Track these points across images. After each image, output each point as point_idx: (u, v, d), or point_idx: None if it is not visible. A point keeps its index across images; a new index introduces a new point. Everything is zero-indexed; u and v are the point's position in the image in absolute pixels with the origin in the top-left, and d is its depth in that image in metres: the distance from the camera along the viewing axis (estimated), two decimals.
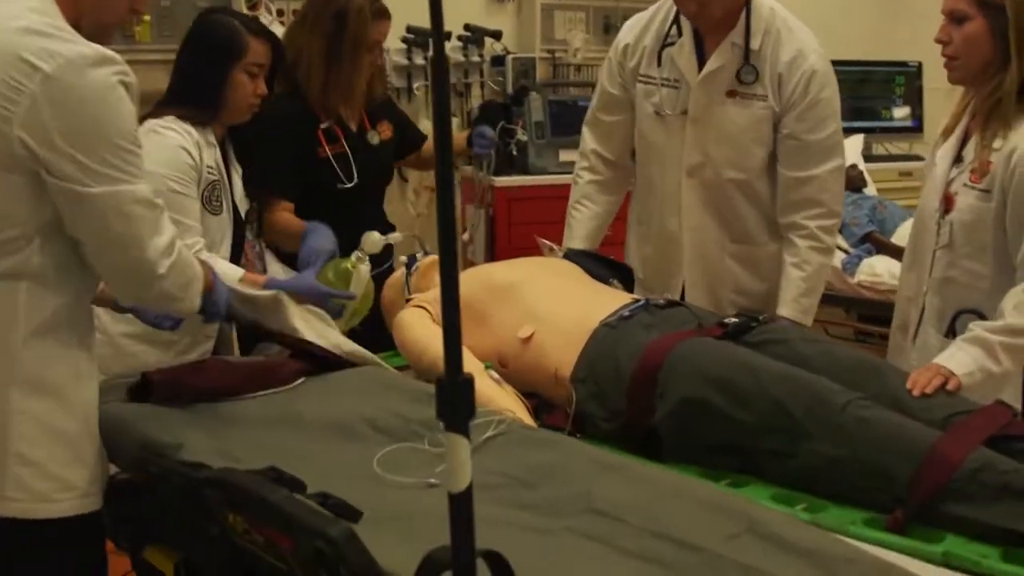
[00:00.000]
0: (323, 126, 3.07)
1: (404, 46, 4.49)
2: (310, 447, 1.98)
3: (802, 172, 2.73)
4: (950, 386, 2.06)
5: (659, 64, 2.80)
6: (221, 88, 2.67)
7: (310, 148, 3.05)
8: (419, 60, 4.51)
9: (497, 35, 4.66)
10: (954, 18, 2.41)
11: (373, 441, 2.05)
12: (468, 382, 1.18)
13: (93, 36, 1.80)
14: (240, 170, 2.84)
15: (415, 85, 4.51)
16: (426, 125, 3.92)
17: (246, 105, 2.72)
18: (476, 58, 4.74)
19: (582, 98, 4.55)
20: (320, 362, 2.45)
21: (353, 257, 2.64)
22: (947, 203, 2.45)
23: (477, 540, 1.32)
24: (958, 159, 2.47)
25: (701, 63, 2.76)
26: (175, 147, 2.59)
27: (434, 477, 1.89)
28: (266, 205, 2.98)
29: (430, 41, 4.16)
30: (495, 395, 2.22)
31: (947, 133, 2.52)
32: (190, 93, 2.68)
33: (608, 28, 5.08)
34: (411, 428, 2.07)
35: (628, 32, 2.90)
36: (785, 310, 2.71)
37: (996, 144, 2.35)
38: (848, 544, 1.61)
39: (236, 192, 2.80)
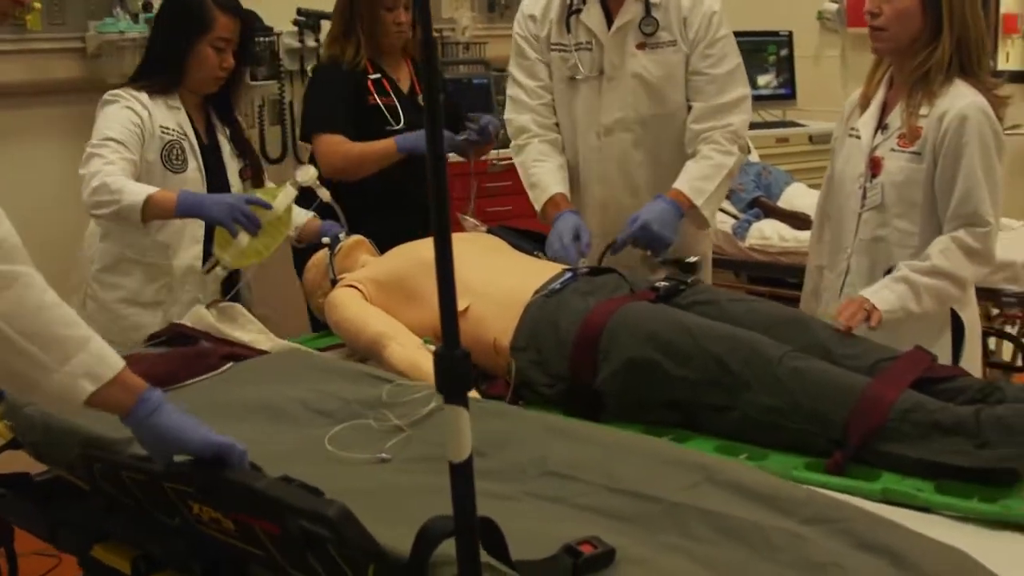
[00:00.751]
0: (372, 77, 3.26)
1: (296, 29, 4.46)
2: (252, 433, 1.94)
3: (710, 102, 2.87)
4: (872, 320, 2.24)
5: (568, 31, 2.90)
6: (185, 60, 2.80)
7: (360, 96, 3.25)
8: (311, 43, 4.49)
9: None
10: None
11: (315, 424, 2.06)
12: (465, 355, 1.24)
13: None
14: (227, 131, 2.97)
15: (308, 67, 4.48)
16: None
17: (212, 78, 2.85)
18: (312, 43, 4.56)
19: (475, 76, 4.61)
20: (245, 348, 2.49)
21: (287, 182, 2.79)
22: (874, 167, 2.59)
23: (438, 511, 1.36)
24: (882, 126, 2.60)
25: (610, 23, 2.87)
26: (120, 107, 2.75)
27: (385, 452, 1.92)
28: (324, 142, 3.22)
29: (320, 23, 4.19)
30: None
31: (864, 103, 2.66)
32: (154, 64, 2.84)
33: (493, 6, 5.13)
34: (351, 408, 2.09)
35: (531, 4, 2.97)
36: (681, 185, 2.80)
37: (923, 111, 2.50)
38: (801, 487, 1.70)
39: (224, 152, 2.94)
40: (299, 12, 4.46)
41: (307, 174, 2.80)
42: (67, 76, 3.76)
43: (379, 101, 3.27)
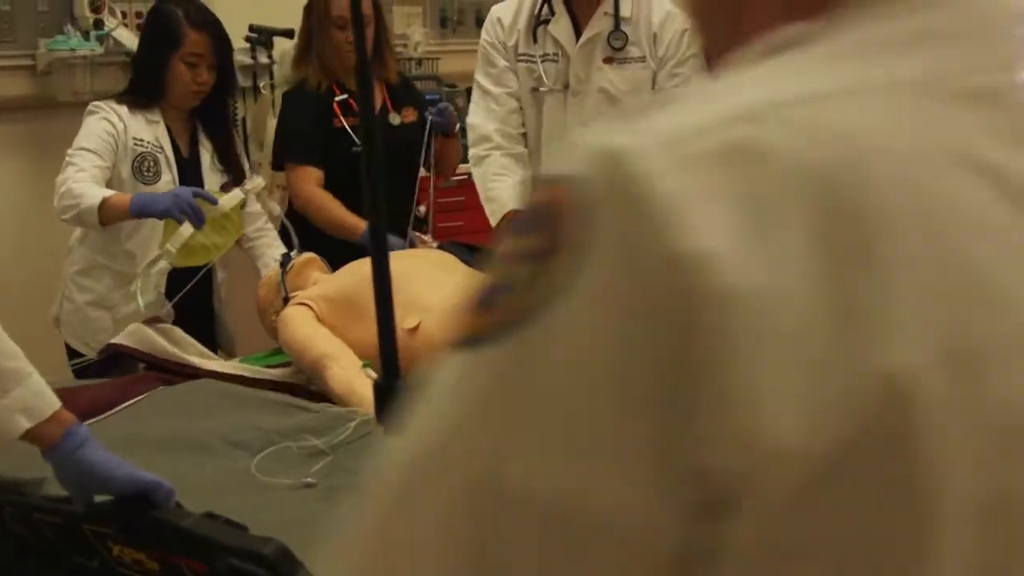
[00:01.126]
0: (338, 98, 3.24)
1: (248, 45, 4.45)
2: (171, 467, 1.86)
3: None
4: None
5: (535, 42, 2.86)
6: (160, 75, 2.88)
7: (325, 118, 3.23)
8: (263, 59, 4.48)
9: (290, 34, 4.42)
10: None
11: (233, 455, 2.05)
12: (404, 385, 1.25)
13: None
14: (210, 146, 3.02)
15: (260, 84, 4.48)
16: (272, 124, 3.87)
17: (188, 92, 2.91)
18: (265, 60, 4.53)
19: (428, 92, 4.62)
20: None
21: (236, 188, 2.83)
22: None
23: None
24: None
25: (579, 36, 2.83)
26: (98, 119, 2.84)
27: (310, 477, 1.93)
28: (295, 175, 3.24)
29: (273, 39, 4.16)
30: (369, 394, 2.27)
31: None
32: (137, 79, 2.96)
33: (445, 22, 5.15)
34: (268, 438, 2.09)
35: (501, 10, 2.93)
36: None
37: None
38: None
39: (203, 166, 3.01)
40: (251, 29, 4.44)
41: (254, 182, 2.84)
42: (18, 94, 3.74)
43: (344, 123, 3.24)
